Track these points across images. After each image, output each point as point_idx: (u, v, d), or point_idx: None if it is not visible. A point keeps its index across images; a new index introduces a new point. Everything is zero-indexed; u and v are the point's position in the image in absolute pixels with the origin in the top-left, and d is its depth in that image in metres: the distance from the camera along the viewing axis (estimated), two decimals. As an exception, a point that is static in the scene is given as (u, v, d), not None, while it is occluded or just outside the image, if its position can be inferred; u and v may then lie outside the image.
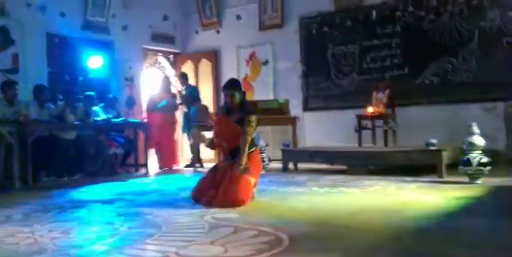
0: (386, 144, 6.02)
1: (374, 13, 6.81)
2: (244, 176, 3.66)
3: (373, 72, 6.89)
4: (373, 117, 6.19)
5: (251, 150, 3.80)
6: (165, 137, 7.35)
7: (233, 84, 3.97)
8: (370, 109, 6.20)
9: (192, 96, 7.55)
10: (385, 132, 6.08)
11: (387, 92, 6.26)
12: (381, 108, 6.18)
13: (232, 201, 3.53)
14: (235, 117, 3.85)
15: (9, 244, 2.59)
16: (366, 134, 6.29)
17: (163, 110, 7.34)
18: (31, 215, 3.46)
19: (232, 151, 3.82)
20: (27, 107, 5.77)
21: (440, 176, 4.91)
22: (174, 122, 7.61)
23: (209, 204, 3.58)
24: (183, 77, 7.79)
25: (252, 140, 3.85)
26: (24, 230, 2.92)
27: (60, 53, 7.08)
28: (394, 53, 6.73)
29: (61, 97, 6.42)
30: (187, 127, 7.48)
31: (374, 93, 6.36)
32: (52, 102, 6.24)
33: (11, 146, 5.21)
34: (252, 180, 3.73)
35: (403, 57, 6.64)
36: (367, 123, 6.29)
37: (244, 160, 3.67)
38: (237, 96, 3.84)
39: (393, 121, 6.17)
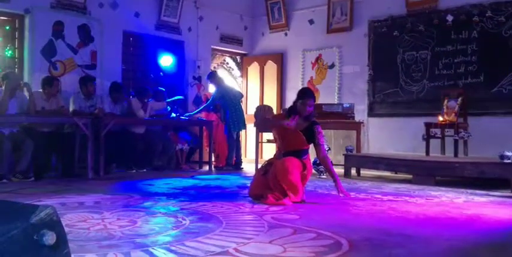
0: (456, 154, 5.75)
1: (449, 17, 6.54)
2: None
3: (445, 79, 6.62)
4: (443, 126, 5.94)
5: (305, 156, 4.02)
6: (219, 137, 7.42)
7: (313, 95, 4.12)
8: (441, 117, 5.96)
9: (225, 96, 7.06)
10: (456, 142, 5.81)
11: (460, 100, 5.98)
12: (452, 117, 5.91)
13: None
14: (301, 127, 3.97)
15: (80, 228, 2.75)
16: (434, 143, 6.05)
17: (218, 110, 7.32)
18: (101, 203, 3.65)
19: (286, 152, 3.97)
20: (102, 102, 6.11)
21: (515, 191, 4.63)
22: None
23: (271, 203, 3.72)
24: (214, 77, 7.22)
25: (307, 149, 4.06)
26: (95, 217, 3.09)
27: (134, 51, 7.42)
28: (469, 60, 6.42)
29: (133, 93, 6.73)
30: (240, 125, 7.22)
31: (445, 101, 6.10)
32: (125, 98, 6.55)
33: (85, 137, 5.52)
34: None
35: (478, 64, 6.32)
36: (436, 132, 6.04)
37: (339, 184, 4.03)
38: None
39: (465, 131, 5.88)
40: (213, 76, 7.25)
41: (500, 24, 6.13)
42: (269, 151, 8.11)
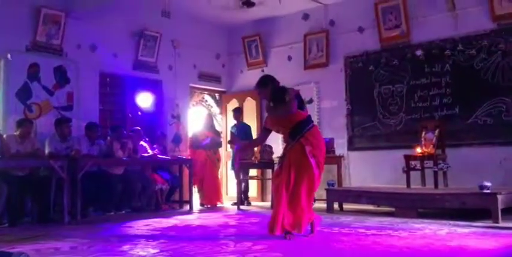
0: (436, 186, 5.77)
1: (421, 52, 6.73)
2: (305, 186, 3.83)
3: (422, 111, 6.73)
4: (422, 157, 5.98)
5: (309, 126, 4.03)
6: (208, 174, 7.38)
7: (259, 83, 4.39)
8: (419, 149, 6.01)
9: (244, 133, 7.57)
10: (435, 173, 5.84)
11: (437, 132, 6.07)
12: (430, 149, 5.97)
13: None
14: (280, 105, 4.08)
15: (54, 277, 2.62)
16: (415, 175, 6.08)
17: (206, 147, 7.42)
18: (78, 249, 3.51)
19: (292, 131, 4.00)
20: (79, 143, 5.99)
21: (496, 221, 4.63)
22: (217, 159, 7.65)
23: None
24: (236, 112, 7.87)
25: (309, 117, 4.14)
26: (70, 264, 2.96)
27: (111, 91, 7.40)
28: (443, 93, 6.56)
29: (110, 133, 6.64)
30: (233, 164, 7.48)
31: (423, 133, 6.18)
32: (102, 138, 6.46)
33: (61, 180, 5.38)
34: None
35: (453, 96, 6.46)
36: (415, 164, 6.08)
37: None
38: (265, 91, 4.24)
39: (444, 162, 5.93)
40: (241, 112, 7.92)
41: (471, 57, 6.32)
42: (252, 187, 8.03)
